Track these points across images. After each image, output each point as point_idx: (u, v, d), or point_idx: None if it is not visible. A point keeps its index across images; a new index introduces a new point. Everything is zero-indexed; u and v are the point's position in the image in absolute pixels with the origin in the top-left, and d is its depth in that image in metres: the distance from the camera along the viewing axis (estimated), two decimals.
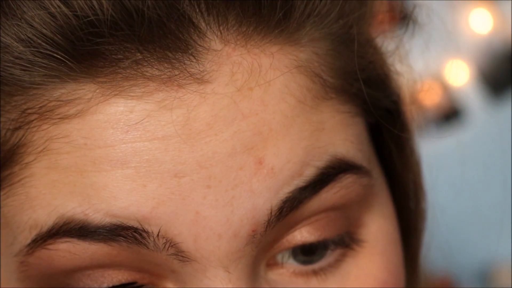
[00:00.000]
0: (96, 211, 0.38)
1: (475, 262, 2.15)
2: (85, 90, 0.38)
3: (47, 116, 0.39)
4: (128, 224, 0.38)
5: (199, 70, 0.38)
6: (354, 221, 0.42)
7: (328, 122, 0.41)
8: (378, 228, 0.43)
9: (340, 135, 0.41)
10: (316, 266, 0.41)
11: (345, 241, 0.42)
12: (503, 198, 2.08)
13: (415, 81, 0.52)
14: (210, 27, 0.38)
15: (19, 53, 0.38)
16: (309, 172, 0.39)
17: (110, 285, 0.39)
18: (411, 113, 0.51)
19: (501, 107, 2.14)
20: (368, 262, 0.42)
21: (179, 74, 0.37)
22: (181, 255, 0.38)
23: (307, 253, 0.41)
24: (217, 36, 0.38)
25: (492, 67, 2.13)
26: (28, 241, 0.40)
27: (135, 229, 0.38)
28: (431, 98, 2.07)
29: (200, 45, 0.38)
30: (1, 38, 0.39)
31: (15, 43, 0.38)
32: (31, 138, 0.39)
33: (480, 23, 2.10)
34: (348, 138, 0.41)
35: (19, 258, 0.40)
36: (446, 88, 2.11)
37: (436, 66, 2.08)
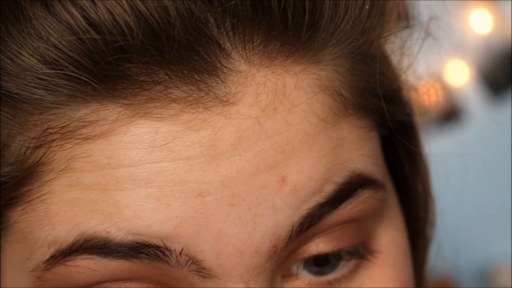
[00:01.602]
0: (119, 229, 0.38)
1: (475, 262, 2.15)
2: (110, 111, 0.38)
3: (69, 136, 0.39)
4: (150, 242, 0.38)
5: (225, 92, 0.38)
6: (368, 233, 0.43)
7: (347, 138, 0.41)
8: (390, 239, 0.44)
9: (358, 150, 0.42)
10: (330, 277, 0.42)
11: (359, 251, 0.43)
12: (503, 198, 2.08)
13: (415, 81, 0.52)
14: (236, 48, 0.38)
15: (43, 74, 0.38)
16: (329, 189, 0.40)
17: None
18: (418, 119, 0.52)
19: (501, 107, 2.14)
20: (380, 273, 0.43)
21: (205, 96, 0.38)
22: (202, 271, 0.39)
23: (321, 263, 0.42)
24: (242, 57, 0.38)
25: (492, 67, 2.13)
26: (47, 257, 0.40)
27: (157, 247, 0.38)
28: (431, 98, 2.07)
29: (225, 67, 0.38)
30: (24, 58, 0.38)
31: (39, 64, 0.38)
32: (52, 156, 0.39)
33: (480, 23, 2.10)
34: (365, 154, 0.42)
35: (36, 273, 0.40)
36: (446, 88, 2.11)
37: (436, 66, 2.08)
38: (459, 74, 2.11)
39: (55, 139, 0.39)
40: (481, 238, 2.11)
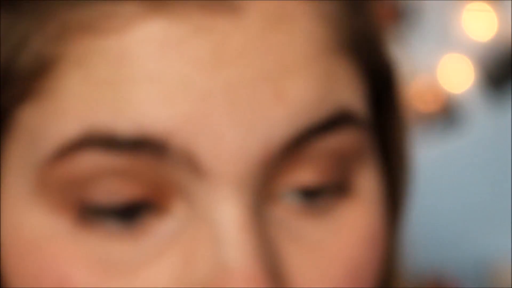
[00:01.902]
0: (125, 123, 0.41)
1: (474, 262, 2.15)
2: (126, 6, 0.41)
3: (85, 31, 0.41)
4: (155, 137, 0.40)
5: (236, 2, 0.41)
6: (351, 172, 0.45)
7: (340, 73, 0.44)
8: (369, 186, 0.46)
9: (349, 88, 0.44)
10: (313, 207, 0.44)
11: (342, 187, 0.45)
12: (503, 198, 2.09)
13: (414, 81, 0.54)
14: None
15: None
16: (320, 114, 0.42)
17: (123, 198, 0.41)
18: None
19: (501, 108, 2.15)
20: (356, 213, 0.45)
21: (218, 3, 0.41)
22: (198, 171, 0.41)
23: (307, 195, 0.44)
24: None
25: (492, 68, 2.13)
26: (51, 151, 0.41)
27: (161, 143, 0.40)
28: (430, 99, 2.07)
29: None
30: None
31: None
32: (66, 50, 0.41)
33: (480, 23, 2.10)
34: (354, 94, 0.45)
35: (40, 169, 0.42)
36: (445, 89, 2.11)
37: (435, 66, 2.08)
38: (458, 75, 2.11)
39: (73, 33, 0.41)
40: (481, 236, 2.11)
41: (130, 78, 0.41)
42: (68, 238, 0.42)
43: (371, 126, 0.46)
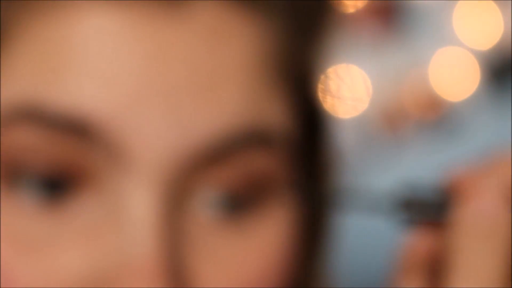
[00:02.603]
0: (56, 101, 0.42)
1: None
2: None
3: (43, 5, 0.42)
4: (82, 119, 0.42)
5: (179, 6, 0.43)
6: (266, 192, 0.46)
7: (269, 92, 0.46)
8: (282, 208, 0.47)
9: (275, 107, 0.46)
10: (232, 217, 0.45)
11: (257, 202, 0.46)
12: None
13: (413, 82, 0.55)
14: None
15: None
16: (244, 126, 0.44)
17: (46, 170, 0.43)
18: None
19: (501, 108, 2.14)
20: (268, 234, 0.46)
21: (163, 3, 0.43)
22: (121, 158, 0.42)
23: (228, 204, 0.45)
24: None
25: (493, 69, 2.13)
26: None
27: (88, 125, 0.42)
28: (430, 99, 2.07)
29: None
30: None
31: None
32: (20, 18, 0.43)
33: (480, 23, 2.10)
34: (280, 113, 0.47)
35: None
36: (445, 89, 2.11)
37: (435, 66, 2.07)
38: (458, 75, 2.11)
39: (30, 4, 0.43)
40: None
41: (73, 59, 0.42)
42: None
43: (289, 153, 0.47)
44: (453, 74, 2.10)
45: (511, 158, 0.45)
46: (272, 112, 0.46)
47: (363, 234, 0.45)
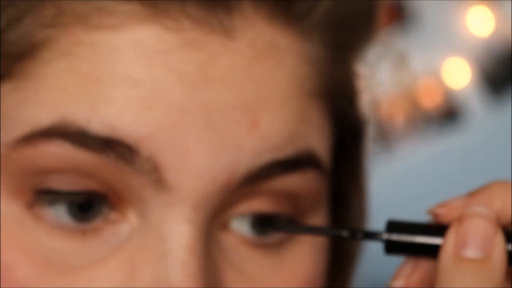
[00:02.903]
0: (99, 121, 0.40)
1: None
2: (128, 7, 0.41)
3: (82, 22, 0.41)
4: (124, 141, 0.40)
5: (230, 25, 0.41)
6: (304, 212, 0.46)
7: (313, 117, 0.45)
8: (314, 237, 0.46)
9: (318, 133, 0.45)
10: (263, 240, 0.44)
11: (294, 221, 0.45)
12: None
13: (415, 81, 0.55)
14: None
15: None
16: (288, 151, 0.43)
17: (80, 191, 0.41)
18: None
19: (501, 107, 2.14)
20: (304, 255, 0.46)
21: (213, 22, 0.41)
22: (160, 183, 0.41)
23: (261, 226, 0.44)
24: (252, 5, 0.42)
25: (492, 67, 2.13)
26: (20, 136, 0.41)
27: (129, 147, 0.40)
28: (430, 98, 2.07)
29: (238, 7, 0.41)
30: None
31: None
32: (59, 38, 0.41)
33: (480, 23, 2.10)
34: (322, 140, 0.45)
35: (3, 151, 0.41)
36: (446, 88, 2.11)
37: (435, 66, 2.07)
38: (459, 74, 2.11)
39: (68, 22, 0.41)
40: None
41: (112, 78, 0.40)
42: (17, 225, 0.42)
43: (329, 173, 0.47)
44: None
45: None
46: (311, 138, 0.44)
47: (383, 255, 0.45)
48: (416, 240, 0.42)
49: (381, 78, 0.53)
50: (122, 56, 0.41)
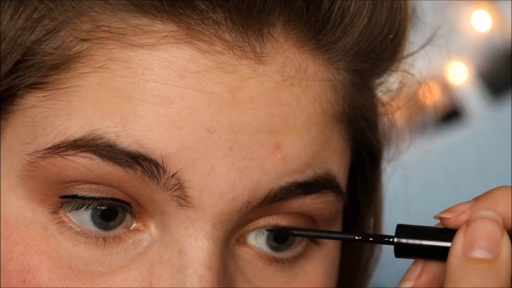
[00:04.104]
0: (128, 136, 0.41)
1: None
2: (163, 27, 0.42)
3: (118, 38, 0.42)
4: (151, 157, 0.41)
5: (261, 51, 0.42)
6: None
7: (334, 141, 0.46)
8: (329, 248, 0.48)
9: (338, 156, 0.46)
10: (278, 255, 0.46)
11: (306, 242, 0.47)
12: None
13: (414, 80, 0.56)
14: (280, 22, 0.43)
15: None
16: (308, 174, 0.44)
17: (104, 195, 0.42)
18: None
19: (501, 107, 2.14)
20: (315, 271, 0.47)
21: (245, 47, 0.42)
22: (183, 199, 0.42)
23: (278, 240, 0.46)
24: (283, 31, 0.43)
25: (492, 67, 2.13)
26: (50, 144, 0.42)
27: (155, 163, 0.41)
28: (430, 98, 2.07)
29: (269, 32, 0.42)
30: None
31: None
32: (94, 52, 0.42)
33: (480, 23, 2.10)
34: (341, 163, 0.47)
35: (31, 157, 0.42)
36: (446, 88, 2.11)
37: (436, 66, 2.08)
38: (459, 74, 2.11)
39: (104, 37, 0.42)
40: None
41: (144, 95, 0.41)
42: (41, 230, 0.43)
43: (345, 194, 0.48)
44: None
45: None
46: (330, 161, 0.46)
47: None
48: (425, 243, 0.43)
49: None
50: (154, 75, 0.42)
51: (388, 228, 0.52)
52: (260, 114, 0.42)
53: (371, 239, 0.45)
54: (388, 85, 0.52)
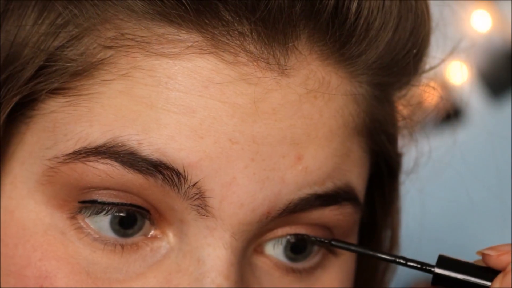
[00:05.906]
0: (150, 144, 0.42)
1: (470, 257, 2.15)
2: (188, 37, 0.42)
3: (142, 47, 0.42)
4: (172, 166, 0.42)
5: (285, 63, 0.43)
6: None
7: (354, 153, 0.46)
8: (346, 258, 0.48)
9: (357, 169, 0.47)
10: (295, 265, 0.46)
11: (322, 251, 0.47)
12: (503, 198, 2.08)
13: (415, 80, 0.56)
14: (305, 35, 0.43)
15: None
16: (328, 186, 0.45)
17: (123, 201, 0.42)
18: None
19: (501, 107, 2.14)
20: (331, 283, 0.47)
21: (269, 59, 0.42)
22: (203, 208, 0.42)
23: (295, 251, 0.46)
24: (307, 44, 0.43)
25: (492, 67, 2.13)
26: (71, 150, 0.42)
27: (176, 172, 0.42)
28: (431, 97, 2.07)
29: (294, 46, 0.43)
30: None
31: None
32: (118, 60, 0.42)
33: (480, 23, 2.10)
34: (361, 175, 0.47)
35: (52, 163, 0.42)
36: (446, 88, 2.11)
37: (435, 64, 2.07)
38: (459, 74, 2.11)
39: (128, 45, 0.42)
40: (480, 237, 2.11)
41: (167, 104, 0.42)
42: (59, 235, 0.43)
43: (363, 205, 0.48)
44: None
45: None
46: (350, 173, 0.46)
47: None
48: (464, 278, 0.44)
49: None
50: (178, 84, 0.42)
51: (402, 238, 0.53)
52: (283, 125, 0.43)
53: (410, 263, 0.45)
54: (409, 99, 0.53)
